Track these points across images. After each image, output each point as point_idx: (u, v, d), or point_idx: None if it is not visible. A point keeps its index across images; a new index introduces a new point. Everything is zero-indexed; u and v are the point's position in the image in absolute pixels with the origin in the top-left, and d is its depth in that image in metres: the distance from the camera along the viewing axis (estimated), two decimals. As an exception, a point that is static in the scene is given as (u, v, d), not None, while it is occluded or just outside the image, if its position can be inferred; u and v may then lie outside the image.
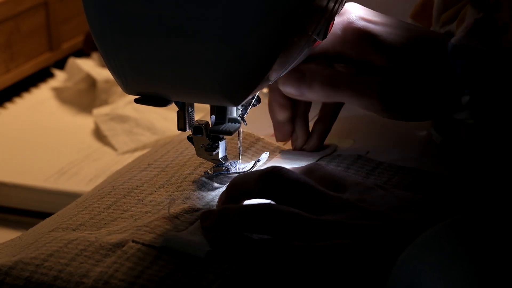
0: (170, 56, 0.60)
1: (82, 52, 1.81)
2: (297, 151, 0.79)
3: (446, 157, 0.78)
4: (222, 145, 0.71)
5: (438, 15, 0.84)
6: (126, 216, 0.67)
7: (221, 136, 0.71)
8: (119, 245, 0.62)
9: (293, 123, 0.79)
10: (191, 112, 0.69)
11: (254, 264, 0.59)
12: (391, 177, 0.73)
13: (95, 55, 1.75)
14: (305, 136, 0.79)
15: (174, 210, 0.66)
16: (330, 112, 0.80)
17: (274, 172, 0.63)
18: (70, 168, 1.37)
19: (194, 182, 0.72)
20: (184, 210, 0.66)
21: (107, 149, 1.46)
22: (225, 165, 0.72)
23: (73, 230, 0.66)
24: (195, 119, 0.70)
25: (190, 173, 0.73)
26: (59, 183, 1.32)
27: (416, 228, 0.56)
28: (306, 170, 0.66)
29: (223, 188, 0.70)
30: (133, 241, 0.62)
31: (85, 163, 1.40)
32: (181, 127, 0.69)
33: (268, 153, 0.76)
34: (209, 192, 0.71)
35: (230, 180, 0.68)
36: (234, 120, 0.69)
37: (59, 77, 1.74)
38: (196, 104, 0.68)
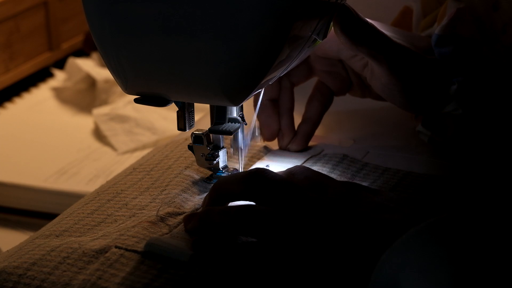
0: (170, 56, 0.60)
1: (82, 52, 1.81)
2: (284, 151, 0.80)
3: (438, 157, 0.78)
4: (222, 154, 0.71)
5: (417, 21, 0.86)
6: (110, 221, 0.67)
7: (221, 145, 0.71)
8: (102, 251, 0.62)
9: (279, 121, 0.80)
10: (191, 112, 0.69)
11: (237, 267, 0.59)
12: (377, 178, 0.74)
13: (95, 55, 1.75)
14: (291, 134, 0.80)
15: (160, 213, 0.66)
16: (315, 114, 0.81)
17: (257, 173, 0.62)
18: (70, 168, 1.38)
19: (179, 185, 0.71)
20: (168, 214, 0.66)
21: (107, 149, 1.46)
22: (225, 174, 0.72)
23: (57, 236, 0.66)
24: (195, 119, 0.70)
25: (175, 177, 0.73)
26: (59, 183, 1.32)
27: (398, 228, 0.56)
28: (289, 173, 0.66)
29: (207, 191, 0.70)
30: (116, 246, 0.62)
31: (85, 163, 1.40)
32: (181, 127, 0.69)
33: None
34: (194, 195, 0.71)
35: None
36: (234, 120, 0.69)
37: (59, 77, 1.74)
38: (196, 104, 0.68)
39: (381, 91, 0.77)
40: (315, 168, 0.75)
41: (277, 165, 0.76)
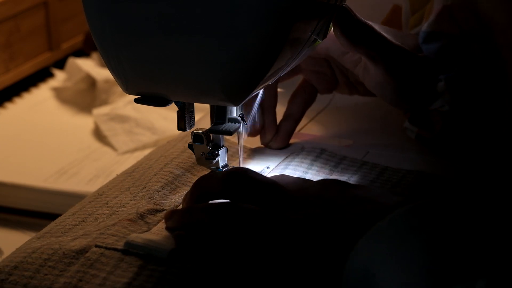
0: (170, 56, 0.60)
1: (82, 52, 1.81)
2: (265, 149, 0.80)
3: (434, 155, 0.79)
4: (222, 153, 0.71)
5: (407, 19, 0.86)
6: (91, 219, 0.68)
7: (221, 144, 0.71)
8: (83, 251, 0.62)
9: (263, 118, 0.80)
10: (191, 112, 0.69)
11: (217, 263, 0.59)
12: (354, 172, 0.74)
13: (95, 55, 1.75)
14: (273, 131, 0.80)
15: (139, 211, 0.67)
16: (297, 111, 0.81)
17: (238, 172, 0.63)
18: (70, 168, 1.38)
19: (159, 181, 0.72)
20: (148, 211, 0.67)
21: (107, 149, 1.46)
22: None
23: (38, 238, 0.66)
24: (195, 119, 0.70)
25: (155, 174, 0.73)
26: (59, 183, 1.32)
27: (373, 218, 0.56)
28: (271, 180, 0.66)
29: (188, 188, 0.70)
30: (96, 245, 0.62)
31: (85, 163, 1.40)
32: (181, 127, 0.69)
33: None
34: (174, 192, 0.71)
35: None
36: (234, 120, 0.69)
37: (59, 77, 1.74)
38: (196, 104, 0.68)
39: (374, 88, 0.77)
40: (294, 163, 0.75)
41: (258, 164, 0.77)
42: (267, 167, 0.75)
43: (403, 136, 0.82)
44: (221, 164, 0.72)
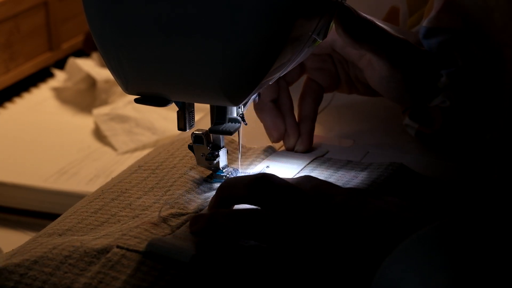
0: (170, 56, 0.60)
1: (82, 52, 1.81)
2: (287, 152, 0.80)
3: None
4: (222, 154, 0.71)
5: (404, 21, 0.86)
6: (114, 221, 0.67)
7: (221, 145, 0.71)
8: (104, 251, 0.61)
9: (284, 122, 0.80)
10: (191, 112, 0.69)
11: (240, 269, 0.59)
12: (381, 174, 0.73)
13: (95, 55, 1.75)
14: (297, 134, 0.80)
15: (162, 214, 0.66)
16: (311, 111, 0.81)
17: (264, 178, 0.62)
18: (70, 168, 1.38)
19: (183, 185, 0.71)
20: (172, 215, 0.66)
21: (107, 149, 1.46)
22: (225, 174, 0.72)
23: (59, 235, 0.65)
24: (195, 119, 0.70)
25: (180, 177, 0.72)
26: (59, 183, 1.32)
27: (400, 234, 0.56)
28: (296, 182, 0.66)
29: (212, 192, 0.70)
30: (117, 246, 0.62)
31: (85, 163, 1.40)
32: (181, 127, 0.69)
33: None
34: (198, 196, 0.70)
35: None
36: (234, 120, 0.69)
37: (59, 77, 1.74)
38: (196, 104, 0.68)
39: (378, 83, 0.77)
40: (317, 171, 0.75)
41: (281, 166, 0.76)
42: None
43: (404, 136, 0.82)
44: (221, 165, 0.72)
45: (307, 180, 0.66)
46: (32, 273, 0.60)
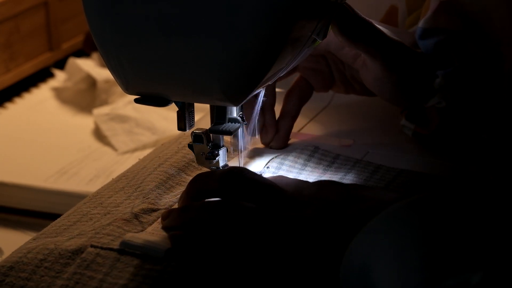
0: (170, 56, 0.60)
1: (82, 52, 1.81)
2: (264, 149, 0.80)
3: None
4: (222, 153, 0.71)
5: (403, 20, 0.86)
6: (86, 219, 0.67)
7: (221, 144, 0.71)
8: (78, 251, 0.62)
9: (263, 118, 0.80)
10: (191, 112, 0.69)
11: (214, 261, 0.59)
12: (348, 171, 0.74)
13: (95, 55, 1.75)
14: (274, 130, 0.80)
15: (133, 210, 0.67)
16: (293, 109, 0.81)
17: (234, 171, 0.63)
18: (70, 168, 1.38)
19: (153, 181, 0.72)
20: (143, 210, 0.67)
21: (107, 149, 1.46)
22: None
23: (34, 239, 0.66)
24: (195, 119, 0.70)
25: (149, 174, 0.73)
26: (59, 183, 1.32)
27: (369, 214, 0.56)
28: (270, 178, 0.67)
29: (182, 188, 0.70)
30: (91, 245, 0.62)
31: (85, 163, 1.40)
32: (181, 127, 0.69)
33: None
34: (168, 192, 0.71)
35: None
36: (234, 120, 0.69)
37: (59, 77, 1.74)
38: (196, 104, 0.68)
39: (373, 84, 0.77)
40: (287, 162, 0.75)
41: (256, 162, 0.77)
42: (267, 167, 0.75)
43: (404, 135, 0.82)
44: (221, 164, 0.72)
45: (278, 179, 0.67)
46: (9, 279, 0.60)
